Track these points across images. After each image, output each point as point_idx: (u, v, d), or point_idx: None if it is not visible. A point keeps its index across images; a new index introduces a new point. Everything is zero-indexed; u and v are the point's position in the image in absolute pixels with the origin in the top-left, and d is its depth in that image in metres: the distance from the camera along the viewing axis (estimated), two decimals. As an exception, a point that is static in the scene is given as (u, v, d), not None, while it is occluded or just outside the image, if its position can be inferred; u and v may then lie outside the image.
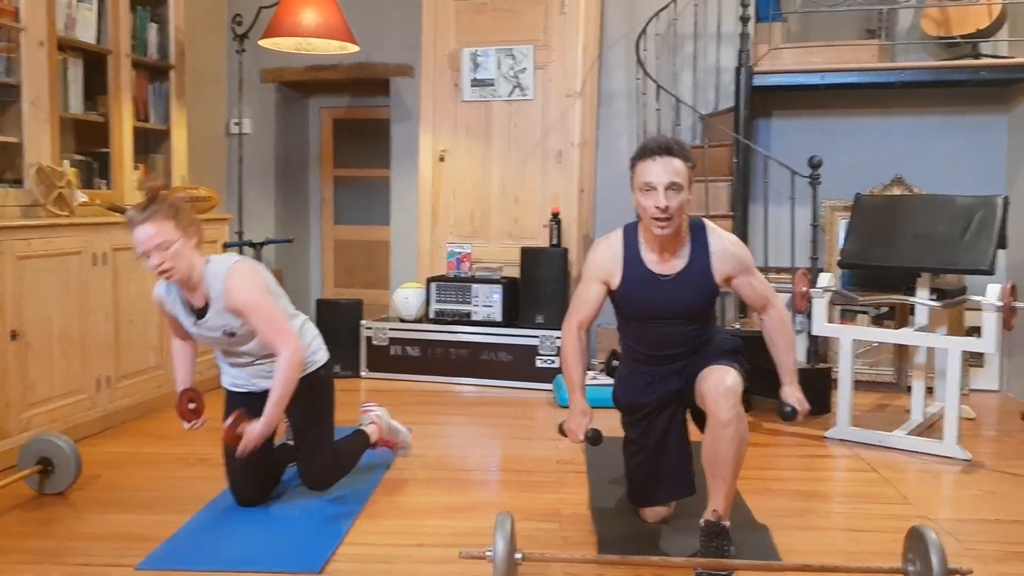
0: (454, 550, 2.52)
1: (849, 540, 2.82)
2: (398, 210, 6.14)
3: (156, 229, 2.67)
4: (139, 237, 2.69)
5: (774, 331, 2.81)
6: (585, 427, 2.68)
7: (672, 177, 2.54)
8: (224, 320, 2.82)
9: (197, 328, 2.87)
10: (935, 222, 3.96)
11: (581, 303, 2.81)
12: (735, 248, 2.75)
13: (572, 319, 2.82)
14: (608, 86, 5.67)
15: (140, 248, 2.71)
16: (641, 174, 2.59)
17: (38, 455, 3.15)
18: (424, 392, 4.87)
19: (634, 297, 2.74)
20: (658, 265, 2.70)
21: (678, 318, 2.73)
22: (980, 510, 3.10)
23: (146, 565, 2.54)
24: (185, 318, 2.89)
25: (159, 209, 2.70)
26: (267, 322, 2.80)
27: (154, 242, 2.68)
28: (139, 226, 2.68)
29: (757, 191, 4.99)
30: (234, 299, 2.77)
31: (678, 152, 2.56)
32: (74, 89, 4.17)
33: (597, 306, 2.79)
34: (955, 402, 3.65)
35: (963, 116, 5.17)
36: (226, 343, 2.89)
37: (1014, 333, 4.88)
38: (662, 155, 2.55)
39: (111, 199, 4.29)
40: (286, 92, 6.49)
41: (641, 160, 2.60)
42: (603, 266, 2.76)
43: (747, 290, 2.78)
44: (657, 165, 2.55)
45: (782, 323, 2.81)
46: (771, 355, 2.84)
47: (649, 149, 2.58)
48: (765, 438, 3.99)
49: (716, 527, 2.52)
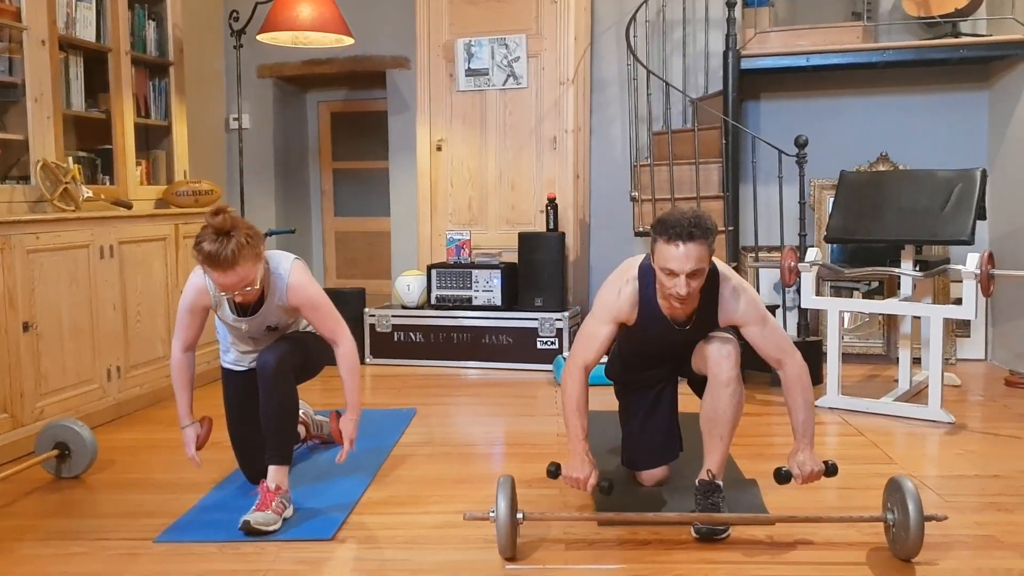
0: (459, 516, 2.63)
1: (836, 497, 2.95)
2: (397, 200, 6.26)
3: (242, 274, 2.64)
4: (223, 283, 2.65)
5: (791, 388, 2.66)
6: (593, 476, 2.58)
7: (695, 265, 2.48)
8: (276, 317, 2.91)
9: (240, 323, 2.91)
10: (917, 196, 4.07)
11: (591, 342, 2.72)
12: (743, 299, 2.66)
13: (578, 359, 2.71)
14: (600, 73, 5.78)
15: (224, 289, 2.68)
16: (663, 257, 2.51)
17: (55, 440, 3.26)
18: (428, 376, 4.99)
19: (647, 336, 2.78)
20: (671, 311, 2.68)
21: (687, 345, 2.81)
22: (961, 467, 3.24)
23: (164, 538, 2.66)
24: (228, 313, 2.90)
25: (241, 248, 2.60)
26: (327, 317, 2.91)
27: (241, 285, 2.67)
28: (223, 273, 2.62)
29: (747, 172, 5.10)
30: (298, 297, 2.85)
31: (700, 236, 2.47)
32: (76, 87, 4.28)
33: (607, 347, 2.72)
34: (939, 367, 3.77)
35: (945, 94, 5.29)
36: (260, 335, 2.98)
37: (999, 303, 5.01)
38: (686, 242, 2.46)
39: (115, 194, 4.40)
40: (284, 87, 6.60)
41: (664, 242, 2.50)
42: (621, 309, 2.70)
43: (759, 341, 2.68)
44: (680, 252, 2.47)
45: (799, 379, 2.65)
46: (790, 414, 2.67)
47: (672, 233, 2.48)
48: (758, 408, 4.12)
49: (710, 485, 2.65)
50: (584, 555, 2.49)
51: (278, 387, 2.83)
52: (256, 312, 2.89)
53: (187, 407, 3.01)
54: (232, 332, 3.02)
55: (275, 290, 2.85)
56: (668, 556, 2.46)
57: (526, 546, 2.52)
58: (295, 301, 2.86)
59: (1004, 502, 2.85)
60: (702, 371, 2.78)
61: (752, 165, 4.94)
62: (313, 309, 2.89)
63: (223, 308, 2.91)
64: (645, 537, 2.59)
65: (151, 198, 4.73)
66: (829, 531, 2.59)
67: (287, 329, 3.02)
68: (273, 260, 2.86)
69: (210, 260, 2.61)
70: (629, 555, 2.48)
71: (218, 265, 2.61)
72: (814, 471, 2.56)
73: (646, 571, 2.37)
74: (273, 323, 2.94)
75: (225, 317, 2.93)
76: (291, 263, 2.87)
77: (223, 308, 2.91)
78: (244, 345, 3.05)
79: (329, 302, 2.94)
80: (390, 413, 4.14)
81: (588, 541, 2.57)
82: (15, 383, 3.50)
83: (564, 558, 2.46)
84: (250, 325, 2.92)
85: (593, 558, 2.47)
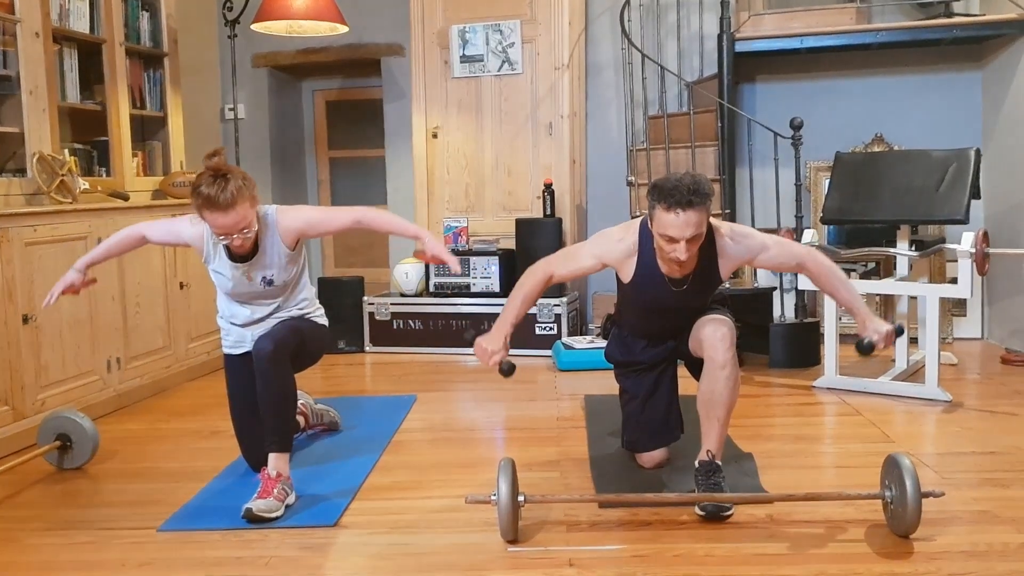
0: (461, 500, 2.65)
1: (834, 476, 2.98)
2: (394, 188, 6.26)
3: (240, 215, 2.68)
4: (223, 224, 2.68)
5: (823, 276, 2.77)
6: (499, 357, 2.73)
7: (694, 231, 2.53)
8: (271, 264, 2.89)
9: (235, 272, 2.90)
10: (912, 176, 4.08)
11: (569, 262, 2.82)
12: (739, 239, 2.73)
13: (547, 268, 2.80)
14: (595, 58, 5.78)
15: (222, 231, 2.70)
16: (661, 223, 2.54)
17: (56, 432, 3.28)
18: (428, 363, 5.00)
19: (645, 296, 2.81)
20: (669, 270, 2.72)
21: (683, 311, 2.85)
22: (958, 444, 3.26)
23: (168, 527, 2.67)
24: (223, 261, 2.90)
25: (239, 190, 2.66)
26: (333, 213, 3.05)
27: (239, 227, 2.70)
28: (223, 213, 2.66)
29: (743, 155, 5.11)
30: (295, 220, 2.89)
31: (699, 203, 2.50)
32: (70, 79, 4.27)
33: (580, 275, 2.81)
34: (935, 346, 3.79)
35: (939, 74, 5.29)
36: (256, 294, 2.96)
37: (994, 282, 5.03)
38: (685, 210, 2.50)
39: (112, 185, 4.40)
40: (279, 76, 6.59)
41: (663, 210, 2.53)
42: (612, 255, 2.77)
43: (773, 262, 2.80)
44: (680, 220, 2.50)
45: (825, 267, 2.76)
46: (836, 300, 2.82)
47: (671, 200, 2.50)
48: (756, 389, 4.14)
49: (711, 465, 2.68)
50: (585, 536, 2.51)
51: (275, 372, 2.83)
52: (252, 259, 2.89)
53: (92, 259, 3.05)
54: (229, 294, 2.99)
55: (268, 231, 2.87)
56: (669, 536, 2.48)
57: (528, 528, 2.54)
58: (294, 225, 2.88)
59: (1001, 478, 2.88)
60: (698, 353, 2.80)
61: (748, 148, 4.94)
62: (318, 215, 3.00)
63: (219, 258, 2.90)
64: (646, 518, 2.61)
65: (148, 189, 4.73)
66: (827, 509, 2.62)
67: (284, 290, 2.99)
68: (260, 210, 2.89)
69: (209, 203, 2.65)
70: (630, 536, 2.51)
71: (217, 207, 2.65)
72: (890, 331, 2.65)
73: (647, 551, 2.39)
74: (270, 274, 2.92)
75: (222, 269, 2.92)
76: (275, 206, 2.93)
77: (219, 258, 2.90)
78: (241, 312, 3.02)
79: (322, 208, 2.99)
80: (390, 400, 4.16)
81: (589, 523, 2.60)
82: (15, 375, 3.51)
83: (565, 540, 2.49)
84: (247, 273, 2.90)
85: (594, 539, 2.49)
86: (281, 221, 2.89)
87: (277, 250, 2.90)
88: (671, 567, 2.29)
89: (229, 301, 3.04)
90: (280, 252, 2.91)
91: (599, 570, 2.29)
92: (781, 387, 4.19)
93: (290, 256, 2.94)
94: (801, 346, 4.59)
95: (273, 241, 2.89)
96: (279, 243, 2.89)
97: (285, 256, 2.92)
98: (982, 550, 2.33)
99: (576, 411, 3.84)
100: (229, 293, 3.01)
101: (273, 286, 2.96)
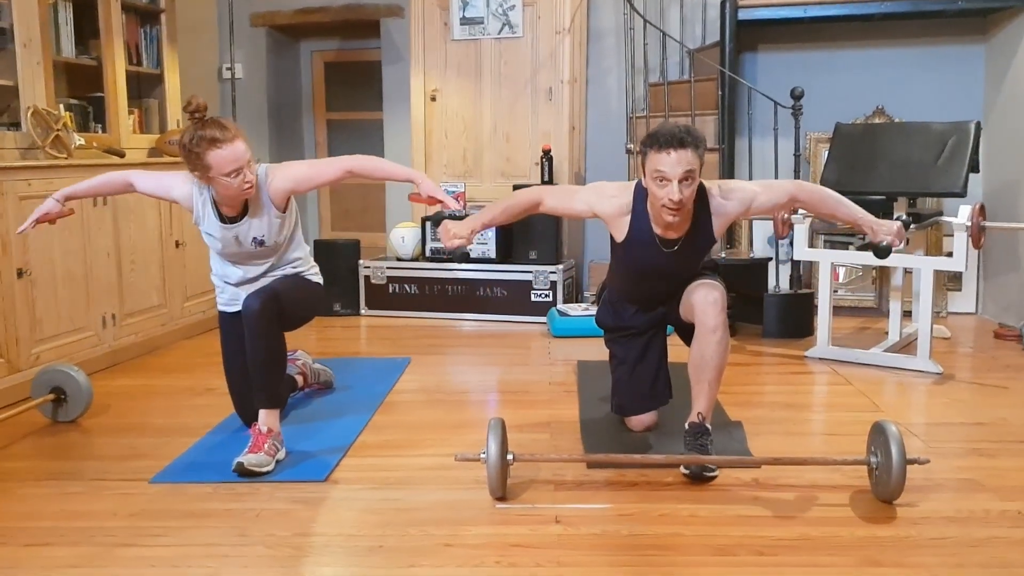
0: (451, 459, 2.67)
1: (822, 443, 3.01)
2: (392, 152, 6.22)
3: (244, 146, 2.71)
4: (230, 156, 2.69)
5: (818, 204, 2.82)
6: (459, 242, 2.72)
7: (686, 167, 2.53)
8: (261, 224, 2.89)
9: (224, 233, 2.90)
10: (910, 149, 4.07)
11: (562, 198, 2.86)
12: (730, 196, 2.75)
13: (540, 194, 2.85)
14: (597, 23, 5.73)
15: (231, 167, 2.70)
16: (654, 164, 2.56)
17: (50, 385, 3.29)
18: (423, 327, 5.01)
19: (636, 257, 2.82)
20: (663, 232, 2.74)
21: (675, 275, 2.86)
22: (947, 415, 3.28)
23: (160, 478, 2.70)
24: (213, 221, 2.90)
25: (234, 126, 2.73)
26: (322, 165, 2.99)
27: (245, 158, 2.72)
28: (228, 144, 2.68)
29: (742, 124, 5.08)
30: (283, 180, 2.87)
31: (690, 143, 2.53)
32: (65, 32, 4.23)
33: (567, 216, 2.84)
34: (928, 318, 3.80)
35: (942, 47, 5.25)
36: (247, 255, 2.96)
37: (990, 258, 5.03)
38: (676, 148, 2.52)
39: (108, 142, 4.38)
40: (276, 36, 6.54)
41: (655, 151, 2.56)
42: (604, 207, 2.79)
43: (767, 207, 2.79)
44: (672, 158, 2.52)
45: (813, 195, 2.81)
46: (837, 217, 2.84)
47: (663, 141, 2.53)
48: (748, 358, 4.16)
49: (700, 427, 2.70)
50: (573, 495, 2.53)
51: (264, 329, 2.83)
52: (241, 220, 2.89)
53: (73, 192, 3.05)
54: (221, 254, 2.99)
55: (259, 191, 2.86)
56: (655, 496, 2.51)
57: (516, 487, 2.57)
58: (283, 186, 2.87)
59: (987, 448, 2.90)
60: (689, 318, 2.81)
61: (748, 117, 4.92)
62: (307, 170, 2.95)
63: (208, 219, 2.90)
64: (633, 479, 2.63)
65: (144, 147, 4.71)
66: (813, 474, 2.64)
67: (276, 250, 2.99)
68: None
69: (214, 141, 2.67)
70: (617, 496, 2.53)
71: (221, 142, 2.67)
72: (900, 228, 2.71)
73: (633, 511, 2.41)
74: (261, 235, 2.91)
75: (211, 230, 2.91)
76: (264, 165, 2.91)
77: (208, 219, 2.90)
78: (234, 271, 3.02)
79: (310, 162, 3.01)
80: (384, 362, 4.18)
81: (577, 482, 2.62)
82: (10, 329, 3.52)
83: (553, 498, 2.51)
84: (236, 232, 2.90)
85: (581, 498, 2.52)
86: (271, 182, 2.88)
87: (267, 210, 2.89)
88: (655, 525, 2.32)
89: (222, 261, 3.04)
90: (271, 212, 2.90)
91: (584, 527, 2.31)
92: (773, 356, 4.20)
93: (281, 217, 2.93)
94: (795, 316, 4.60)
95: (264, 201, 2.88)
96: (269, 203, 2.88)
97: (276, 217, 2.92)
98: (964, 516, 2.36)
99: (569, 376, 3.86)
100: (220, 253, 3.00)
101: (265, 247, 2.96)
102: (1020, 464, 2.75)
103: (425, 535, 2.28)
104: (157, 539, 2.28)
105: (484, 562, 2.13)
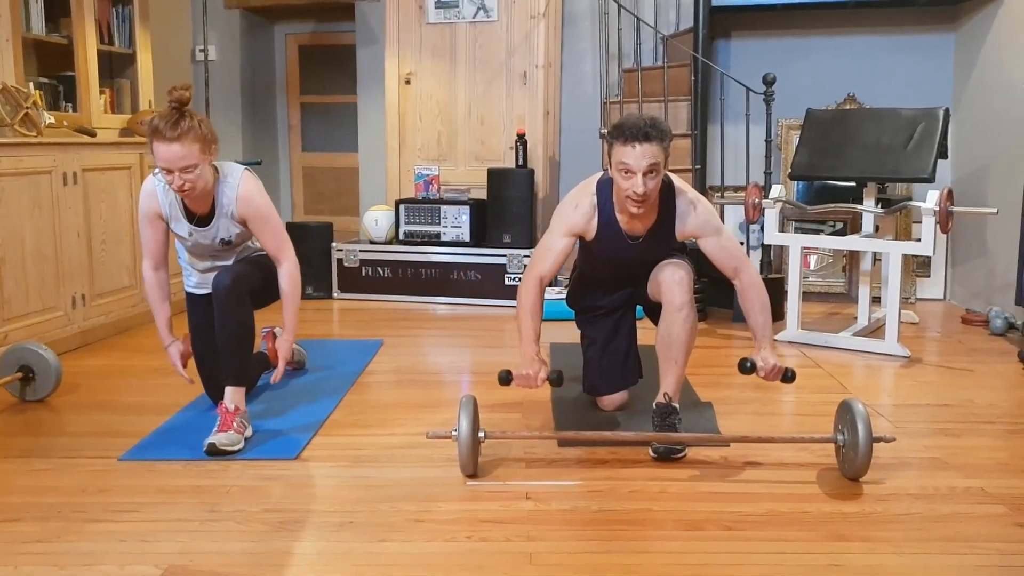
0: (423, 437, 2.68)
1: (790, 423, 3.05)
2: (366, 135, 6.21)
3: (184, 151, 2.62)
4: (165, 155, 2.62)
5: (747, 293, 2.74)
6: (544, 373, 2.63)
7: (650, 160, 2.54)
8: (227, 228, 2.88)
9: (193, 234, 2.89)
10: (880, 134, 4.11)
11: (547, 254, 2.79)
12: (699, 210, 2.74)
13: (535, 272, 2.78)
14: (571, 7, 5.73)
15: (164, 165, 2.65)
16: (618, 156, 2.58)
17: (19, 363, 3.26)
18: (396, 310, 5.01)
19: (604, 251, 2.84)
20: (628, 224, 2.76)
21: (641, 264, 2.88)
22: (914, 396, 3.33)
23: (129, 456, 2.68)
24: (181, 222, 2.88)
25: (190, 128, 2.63)
26: (274, 231, 2.89)
27: (180, 164, 2.63)
28: (167, 144, 2.61)
29: (715, 111, 5.11)
30: (247, 207, 2.83)
31: (656, 136, 2.54)
32: (35, 9, 4.17)
33: (563, 259, 2.79)
34: (896, 302, 3.85)
35: (913, 35, 5.31)
36: (215, 251, 2.96)
37: (958, 244, 5.11)
38: (640, 142, 2.53)
39: (78, 121, 4.33)
40: (251, 18, 6.48)
41: (621, 144, 2.57)
42: (576, 223, 2.78)
43: (716, 251, 2.75)
44: (636, 151, 2.53)
45: (755, 285, 2.74)
46: (747, 320, 2.75)
47: (628, 134, 2.55)
48: (718, 341, 4.21)
49: (667, 407, 2.72)
50: (543, 472, 2.55)
51: (233, 307, 2.82)
52: (209, 224, 2.87)
53: (166, 325, 3.02)
54: (189, 250, 3.00)
55: (225, 200, 2.83)
56: (625, 474, 2.53)
57: (487, 464, 2.58)
58: (243, 211, 2.84)
59: (952, 428, 2.95)
60: (656, 297, 2.83)
61: (720, 103, 4.95)
62: (261, 221, 2.87)
63: (177, 220, 2.88)
64: (603, 457, 2.65)
65: (115, 127, 4.66)
66: (781, 452, 2.68)
67: (241, 246, 2.99)
68: (224, 169, 2.84)
69: (156, 132, 2.61)
70: (587, 473, 2.55)
71: (163, 137, 2.61)
72: (777, 367, 2.60)
73: (603, 487, 2.43)
74: (226, 236, 2.91)
75: (180, 230, 2.91)
76: (241, 173, 2.86)
77: (177, 220, 2.88)
78: (202, 263, 3.03)
79: (277, 217, 2.93)
80: (357, 343, 4.17)
81: (547, 460, 2.64)
82: (-23, 307, 3.48)
83: (524, 475, 2.52)
84: (197, 235, 2.89)
85: (552, 475, 2.53)
86: (241, 197, 2.82)
87: (232, 218, 2.86)
88: (625, 501, 2.34)
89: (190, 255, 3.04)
90: (233, 221, 2.87)
91: (555, 503, 2.33)
92: (743, 339, 4.24)
93: (242, 228, 2.90)
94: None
95: (229, 207, 2.84)
96: (235, 211, 2.84)
97: (236, 227, 2.89)
98: (929, 493, 2.40)
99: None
100: (189, 251, 3.01)
101: (231, 245, 2.95)
102: (984, 443, 2.80)
103: (396, 511, 2.29)
104: (127, 515, 2.27)
105: (455, 537, 2.14)
